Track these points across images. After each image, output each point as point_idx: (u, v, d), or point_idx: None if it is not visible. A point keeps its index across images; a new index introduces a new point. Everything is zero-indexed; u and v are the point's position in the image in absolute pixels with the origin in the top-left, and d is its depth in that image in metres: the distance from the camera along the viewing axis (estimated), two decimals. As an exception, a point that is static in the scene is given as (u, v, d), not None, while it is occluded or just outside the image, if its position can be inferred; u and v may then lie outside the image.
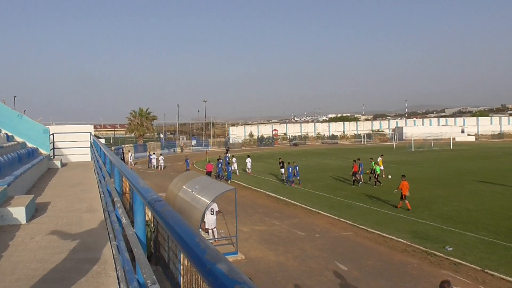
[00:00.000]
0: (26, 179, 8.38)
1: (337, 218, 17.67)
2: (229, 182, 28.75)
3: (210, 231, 14.42)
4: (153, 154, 42.66)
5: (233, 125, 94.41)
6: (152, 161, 41.07)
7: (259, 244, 14.29)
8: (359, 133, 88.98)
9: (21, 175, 7.62)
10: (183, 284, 9.00)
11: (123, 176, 4.83)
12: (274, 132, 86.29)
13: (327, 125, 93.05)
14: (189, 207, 13.47)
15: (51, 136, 14.65)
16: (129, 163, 41.10)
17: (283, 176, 29.21)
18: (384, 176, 27.65)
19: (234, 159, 34.89)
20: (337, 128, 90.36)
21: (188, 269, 8.72)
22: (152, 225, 12.23)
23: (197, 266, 1.19)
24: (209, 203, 13.02)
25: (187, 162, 37.53)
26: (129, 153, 44.60)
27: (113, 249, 3.69)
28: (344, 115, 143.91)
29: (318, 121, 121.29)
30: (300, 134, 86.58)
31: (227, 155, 34.67)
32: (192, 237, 1.38)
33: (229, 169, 31.85)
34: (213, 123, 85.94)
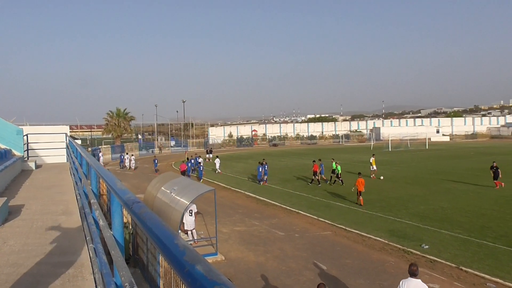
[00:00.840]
0: (-1, 181, 8.15)
1: (316, 217, 17.83)
2: (201, 181, 28.92)
3: (190, 232, 14.34)
4: (126, 154, 43.03)
5: (212, 125, 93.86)
6: (124, 161, 41.47)
7: (239, 245, 14.28)
8: (337, 133, 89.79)
9: (-7, 177, 7.40)
10: (162, 286, 8.92)
11: (100, 178, 4.73)
12: (253, 133, 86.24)
13: (306, 125, 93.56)
14: (168, 208, 13.35)
15: (25, 137, 14.29)
16: (129, 167, 40.65)
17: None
18: (373, 177, 28.82)
19: (218, 159, 36.16)
20: (315, 129, 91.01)
21: (167, 271, 8.63)
22: (131, 227, 12.05)
23: (176, 267, 1.18)
24: (188, 204, 12.93)
25: (155, 162, 38.38)
26: (132, 156, 41.90)
27: (90, 252, 3.61)
28: (323, 115, 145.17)
29: (297, 122, 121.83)
30: (279, 134, 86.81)
31: (197, 156, 36.80)
32: (170, 238, 1.37)
33: (200, 168, 32.09)
34: (192, 124, 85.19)
